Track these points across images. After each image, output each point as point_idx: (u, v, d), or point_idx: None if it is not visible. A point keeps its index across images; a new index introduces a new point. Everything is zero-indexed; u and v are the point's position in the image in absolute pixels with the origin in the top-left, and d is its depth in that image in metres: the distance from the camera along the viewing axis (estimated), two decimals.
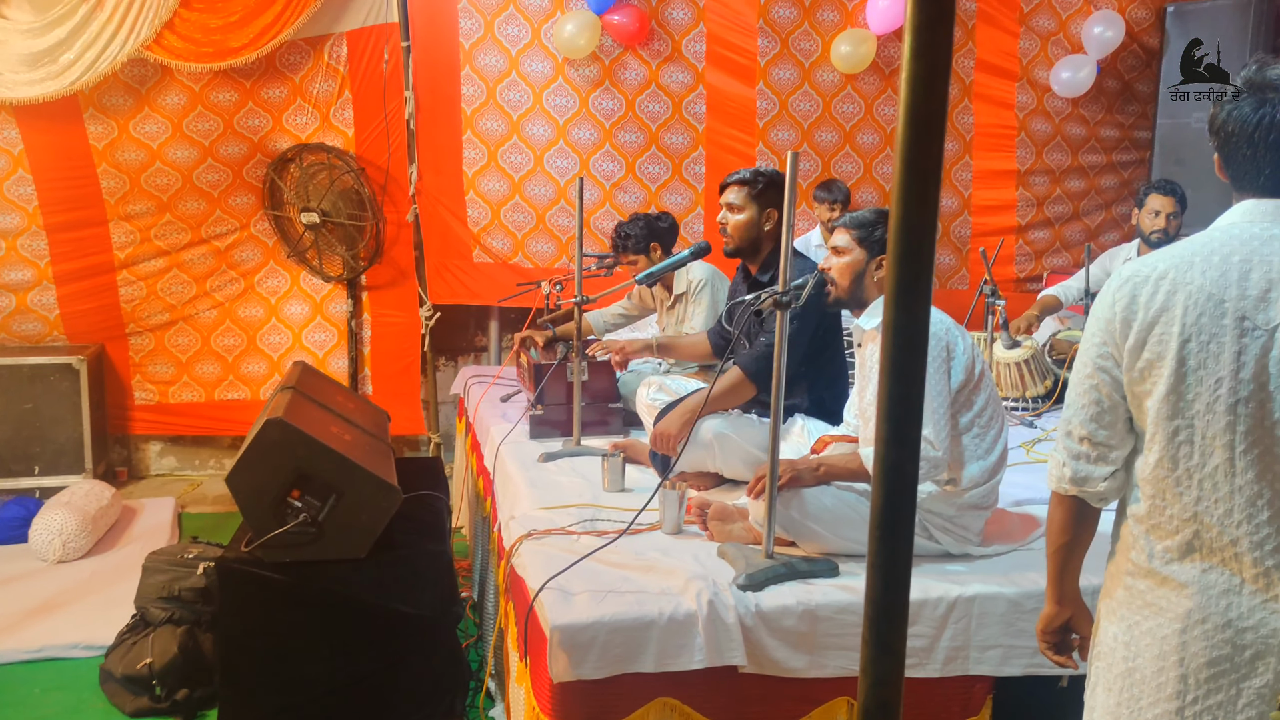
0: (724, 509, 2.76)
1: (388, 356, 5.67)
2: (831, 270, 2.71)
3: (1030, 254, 6.23)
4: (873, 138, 5.96)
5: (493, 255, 5.67)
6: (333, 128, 5.38)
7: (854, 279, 2.68)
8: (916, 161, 0.88)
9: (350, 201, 5.35)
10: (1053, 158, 6.15)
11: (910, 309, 0.90)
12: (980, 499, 2.62)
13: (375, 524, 2.85)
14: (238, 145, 5.33)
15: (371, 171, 5.44)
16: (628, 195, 5.73)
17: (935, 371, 2.47)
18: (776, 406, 2.39)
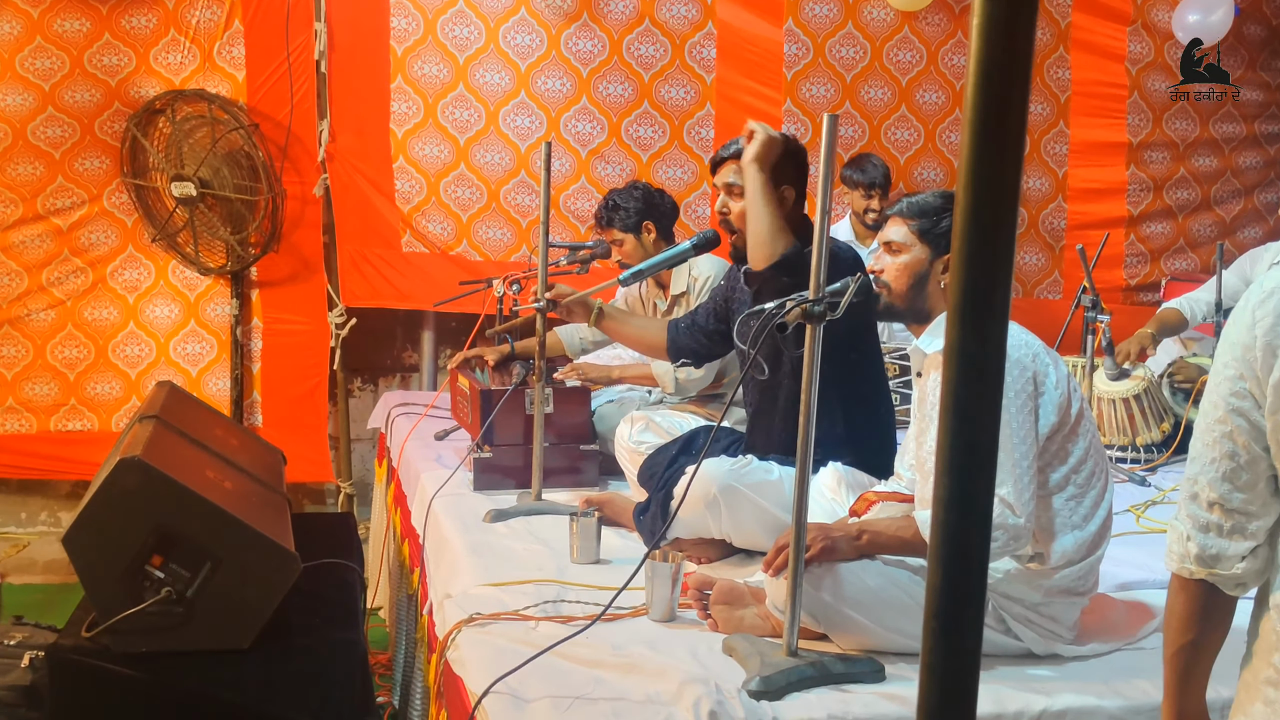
0: (732, 589, 2.76)
1: (284, 377, 5.66)
2: (884, 272, 2.72)
3: (1145, 254, 6.28)
4: (936, 95, 6.01)
5: (429, 243, 5.67)
6: (217, 70, 5.39)
7: (913, 284, 2.69)
8: (992, 128, 0.89)
9: (238, 168, 5.35)
10: (1176, 126, 6.21)
11: (982, 327, 0.91)
12: (1075, 581, 2.63)
13: (264, 603, 2.83)
14: (89, 90, 5.32)
15: (268, 128, 5.44)
16: (611, 166, 5.75)
17: (1018, 411, 2.48)
18: (804, 452, 2.39)
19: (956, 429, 0.94)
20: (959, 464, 0.94)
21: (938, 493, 0.95)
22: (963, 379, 0.93)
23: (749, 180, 3.13)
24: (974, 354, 0.92)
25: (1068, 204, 6.20)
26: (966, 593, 0.94)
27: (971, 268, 0.91)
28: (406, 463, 4.40)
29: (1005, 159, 0.89)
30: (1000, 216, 0.90)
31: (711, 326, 3.66)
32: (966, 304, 0.92)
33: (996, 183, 0.89)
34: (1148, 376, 4.56)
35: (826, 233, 2.37)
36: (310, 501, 5.96)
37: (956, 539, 0.94)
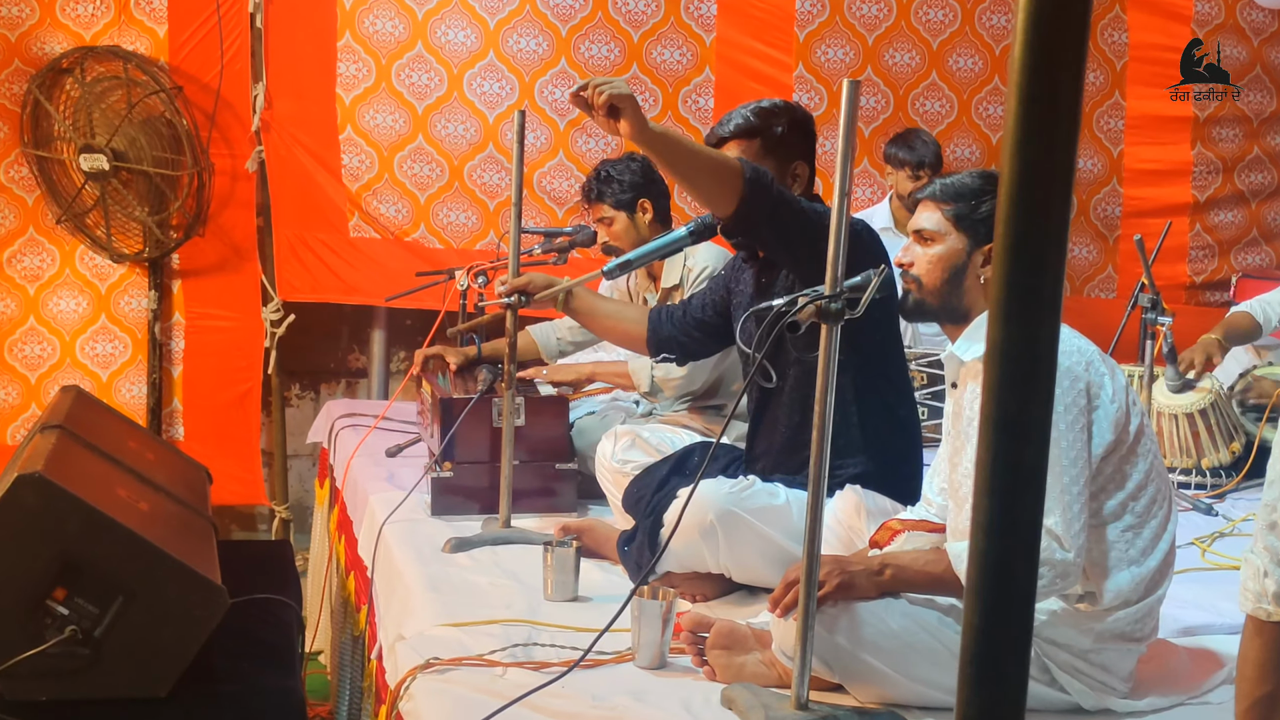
0: (732, 631, 2.76)
1: (210, 382, 5.65)
2: (914, 265, 2.72)
3: (1212, 246, 6.30)
4: (973, 61, 6.03)
5: (380, 228, 5.67)
6: (134, 23, 5.38)
7: (948, 278, 2.69)
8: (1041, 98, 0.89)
9: (158, 138, 5.34)
10: (1250, 99, 6.24)
11: (1030, 325, 0.91)
12: (1131, 626, 2.63)
13: (185, 645, 2.82)
14: None
15: (193, 92, 5.43)
16: (593, 140, 5.75)
17: (1068, 427, 2.49)
18: (818, 472, 2.39)
19: (999, 444, 0.94)
20: (1002, 485, 0.94)
21: (977, 518, 0.95)
22: (1007, 385, 0.93)
23: (651, 149, 3.01)
24: (1021, 356, 0.92)
25: (1123, 188, 6.22)
26: (1010, 635, 0.95)
27: (1018, 256, 0.92)
28: (353, 483, 4.38)
29: (1058, 131, 0.89)
30: (1052, 197, 0.90)
31: (705, 318, 3.66)
32: (1012, 298, 0.92)
33: (1047, 159, 0.90)
34: (1215, 389, 4.57)
35: (846, 218, 2.37)
36: (239, 527, 5.94)
37: (998, 572, 0.95)
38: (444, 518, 3.86)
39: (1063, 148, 0.90)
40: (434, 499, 3.91)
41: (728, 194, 3.04)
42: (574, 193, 5.71)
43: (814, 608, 2.44)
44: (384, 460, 4.50)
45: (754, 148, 3.38)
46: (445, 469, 3.92)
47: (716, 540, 3.18)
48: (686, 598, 3.23)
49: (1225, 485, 4.52)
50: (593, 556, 3.51)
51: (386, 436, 4.68)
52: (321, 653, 4.70)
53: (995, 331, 0.93)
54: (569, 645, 2.84)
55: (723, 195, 3.05)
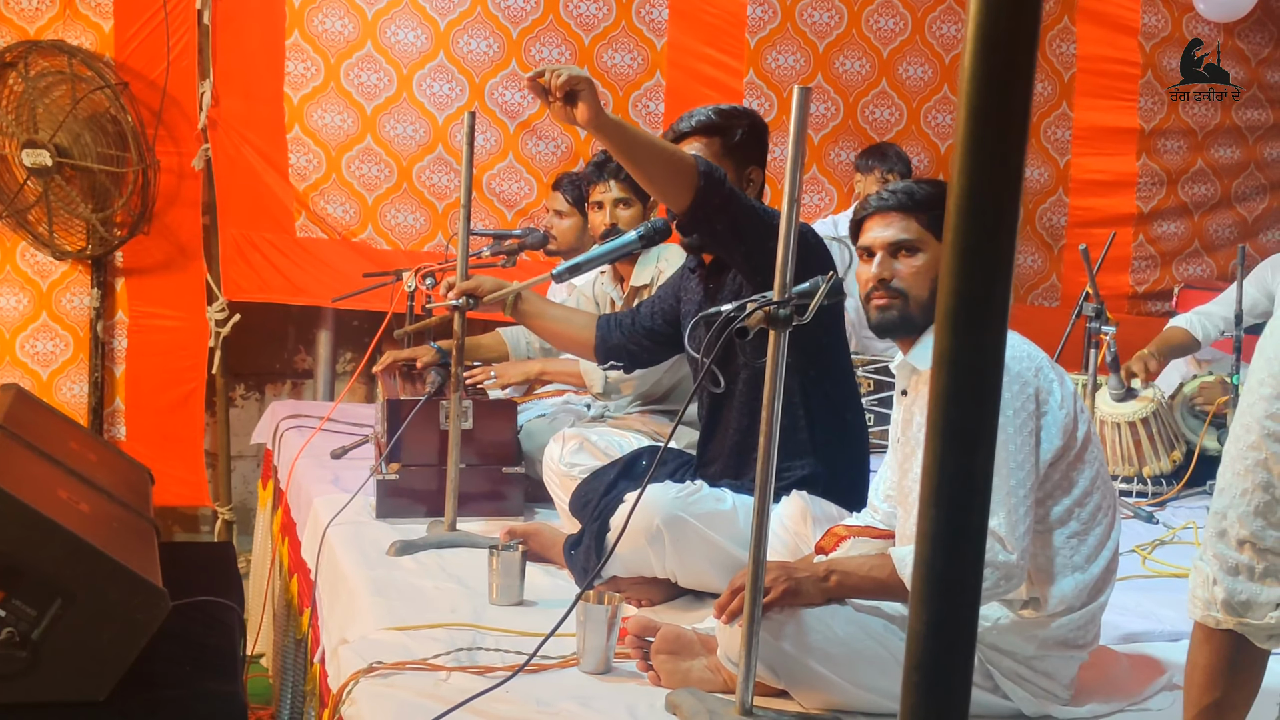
0: (678, 637, 2.76)
1: (153, 382, 5.60)
2: (898, 278, 2.69)
3: (1155, 257, 6.37)
4: (923, 70, 6.06)
5: (327, 228, 5.64)
6: (79, 18, 5.33)
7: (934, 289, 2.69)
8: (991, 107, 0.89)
9: (103, 134, 5.30)
10: (1194, 112, 6.31)
11: (978, 333, 0.91)
12: (1074, 632, 2.65)
13: (125, 648, 2.79)
14: None
15: (139, 89, 5.39)
16: (543, 142, 5.75)
17: (1015, 432, 2.50)
18: (765, 478, 2.40)
19: (947, 452, 0.94)
20: (949, 494, 0.94)
21: (923, 526, 0.95)
22: (955, 394, 0.93)
23: (607, 137, 3.00)
24: (969, 365, 0.92)
25: (1069, 197, 6.28)
26: (955, 643, 0.95)
27: (967, 266, 0.92)
28: (297, 484, 4.36)
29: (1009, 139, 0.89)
30: (1001, 207, 0.91)
31: (654, 326, 3.65)
32: (960, 308, 0.92)
33: (997, 168, 0.90)
34: (1157, 398, 4.62)
35: (795, 225, 2.37)
36: (182, 529, 5.90)
37: (945, 581, 0.95)
38: (389, 520, 3.85)
39: (1012, 157, 0.90)
40: (379, 501, 3.89)
41: (683, 187, 3.05)
42: (523, 195, 5.72)
43: (759, 614, 2.44)
44: (329, 462, 4.48)
45: (713, 146, 3.39)
46: (391, 471, 3.90)
47: (663, 545, 3.17)
48: (633, 602, 3.23)
49: (1166, 493, 4.56)
50: (539, 560, 3.51)
51: (332, 438, 4.65)
52: (263, 656, 4.67)
53: (943, 341, 0.93)
54: (513, 650, 2.83)
55: (678, 188, 3.06)
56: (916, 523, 0.96)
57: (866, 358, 4.98)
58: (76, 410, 5.48)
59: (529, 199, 5.71)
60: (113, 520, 3.20)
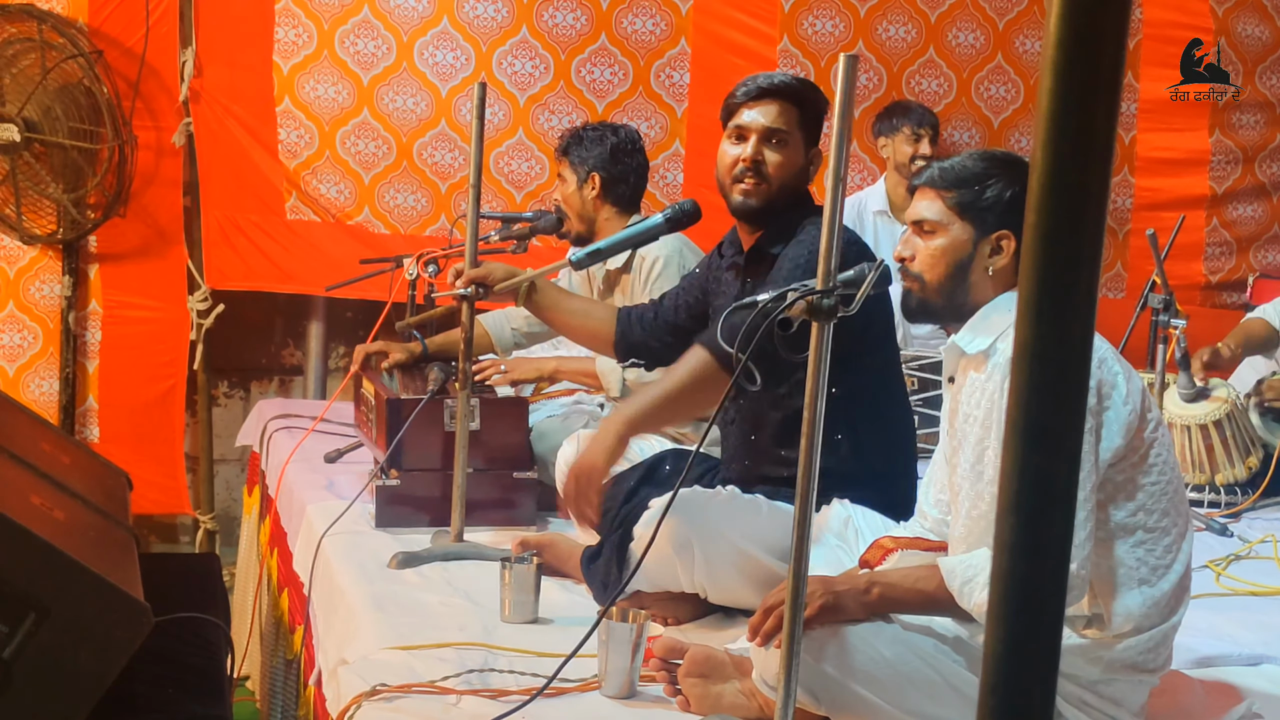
0: (708, 658, 2.76)
1: (129, 378, 5.62)
2: (915, 259, 2.71)
3: (1230, 243, 6.35)
4: (974, 36, 6.05)
5: (320, 210, 5.65)
6: None
7: (953, 273, 2.69)
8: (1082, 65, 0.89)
9: (76, 107, 5.31)
10: (1273, 82, 6.29)
11: (1064, 321, 0.91)
12: (1142, 655, 2.64)
13: (104, 668, 2.80)
14: None
15: (115, 58, 5.39)
16: (556, 117, 5.74)
17: None
18: (807, 484, 2.39)
19: (1026, 455, 0.94)
20: (1028, 500, 0.94)
21: (1000, 536, 0.95)
22: (1036, 390, 0.93)
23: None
24: (1052, 358, 0.93)
25: (1135, 178, 6.26)
26: (1037, 663, 0.95)
27: (1052, 248, 0.92)
28: (287, 491, 4.36)
29: (1098, 106, 0.89)
30: (1090, 182, 0.90)
31: (678, 322, 3.65)
32: (1044, 295, 0.92)
33: (1086, 138, 0.90)
34: (1231, 398, 4.60)
35: (841, 205, 2.37)
36: (159, 539, 5.91)
37: (1024, 596, 0.95)
38: (390, 530, 3.85)
39: (1103, 125, 0.90)
40: (379, 510, 3.89)
41: (719, 386, 3.15)
42: (534, 175, 5.72)
43: (799, 633, 2.43)
44: (323, 466, 4.48)
45: (790, 115, 3.39)
46: (392, 477, 3.90)
47: (692, 557, 3.17)
48: (658, 620, 3.23)
49: (1241, 503, 4.55)
50: (554, 574, 3.51)
51: (325, 440, 4.66)
52: (249, 678, 4.68)
53: (1025, 331, 0.93)
54: (529, 672, 2.84)
55: (718, 388, 3.17)
56: (995, 531, 0.96)
57: (912, 353, 4.97)
58: (46, 408, 5.49)
59: (540, 179, 5.70)
60: (89, 529, 3.20)
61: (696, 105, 5.77)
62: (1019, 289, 0.93)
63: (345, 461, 4.53)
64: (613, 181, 4.35)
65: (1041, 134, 0.91)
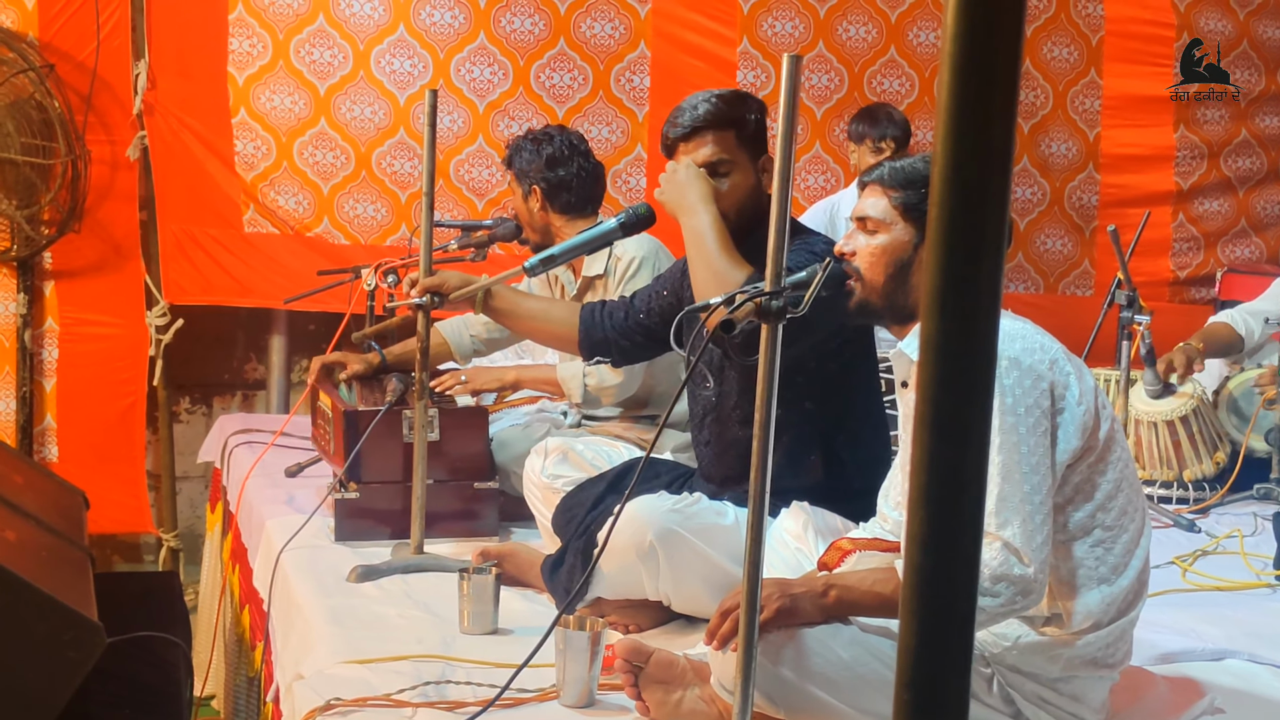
0: (669, 664, 2.76)
1: (88, 396, 5.60)
2: (856, 256, 2.73)
3: (1197, 239, 6.38)
4: (935, 36, 6.07)
5: (279, 222, 5.64)
6: None
7: (893, 273, 2.71)
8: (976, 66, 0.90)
9: (27, 122, 5.29)
10: (1238, 76, 6.32)
11: (966, 314, 0.92)
12: (1102, 651, 2.66)
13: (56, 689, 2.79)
14: None
15: (67, 71, 5.38)
16: (516, 123, 5.74)
17: (1029, 431, 2.51)
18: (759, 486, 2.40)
19: (934, 447, 0.95)
20: (938, 492, 0.95)
21: (911, 529, 0.96)
22: (942, 383, 0.94)
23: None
24: (957, 352, 0.93)
25: (1100, 174, 6.29)
26: (950, 657, 0.96)
27: (953, 242, 0.93)
28: (248, 506, 4.36)
29: (994, 100, 0.90)
30: (989, 175, 0.91)
31: (649, 323, 3.64)
32: (947, 288, 0.93)
33: (983, 132, 0.91)
34: (1198, 394, 4.62)
35: (788, 205, 2.38)
36: (123, 558, 5.89)
37: (936, 587, 0.95)
38: (349, 544, 3.85)
39: (1001, 118, 0.91)
40: (338, 523, 3.89)
41: None
42: (494, 182, 5.72)
43: (755, 638, 2.44)
44: (283, 481, 4.48)
45: (728, 141, 3.35)
46: (350, 490, 3.90)
47: (656, 563, 3.17)
48: (619, 628, 3.23)
49: (1209, 499, 4.57)
50: (515, 584, 3.52)
51: (286, 454, 4.65)
52: (214, 698, 4.67)
53: (929, 325, 0.94)
54: (486, 683, 2.84)
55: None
56: (905, 525, 0.97)
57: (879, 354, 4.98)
58: (3, 429, 5.47)
59: (501, 186, 5.70)
60: (41, 549, 3.20)
61: (657, 109, 5.77)
62: (923, 280, 0.94)
63: (306, 475, 4.52)
64: (554, 190, 4.33)
65: (940, 129, 0.92)
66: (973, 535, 0.96)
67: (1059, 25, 6.15)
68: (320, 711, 2.70)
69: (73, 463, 5.51)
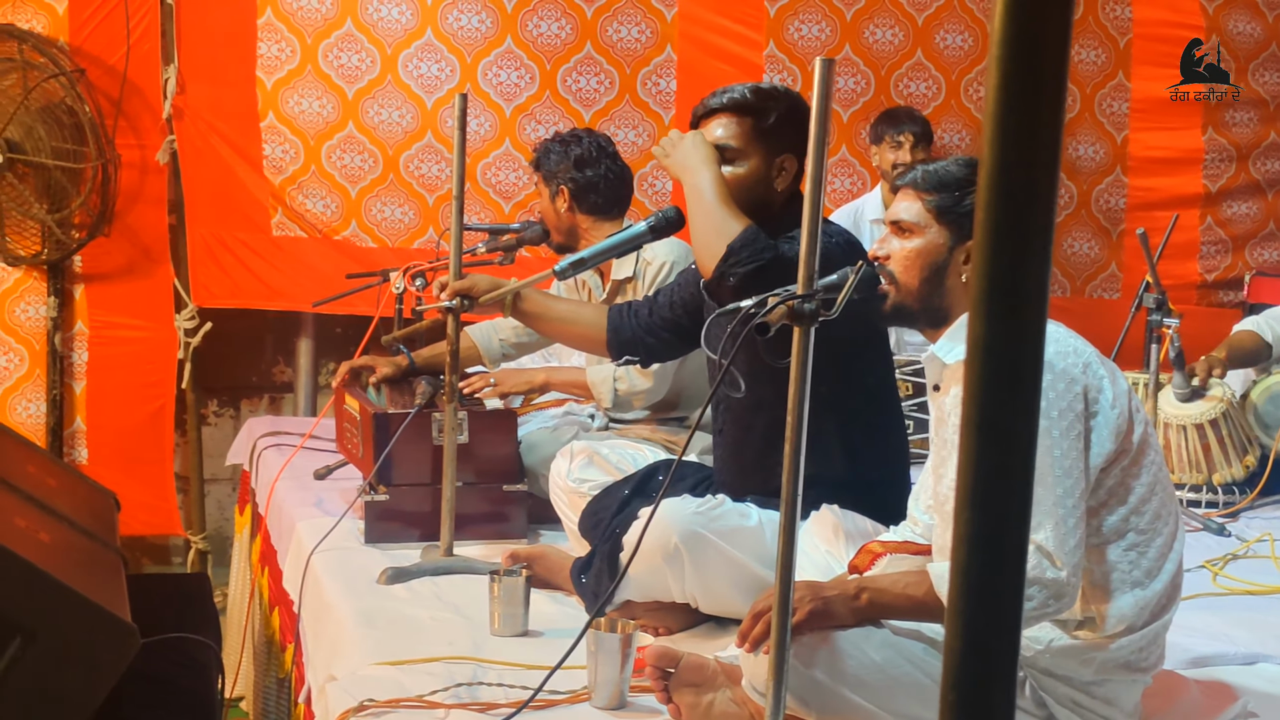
0: (700, 667, 2.76)
1: (117, 398, 5.62)
2: (891, 260, 2.73)
3: (1225, 241, 6.36)
4: (962, 38, 6.07)
5: (307, 225, 5.66)
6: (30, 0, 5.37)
7: (928, 276, 2.71)
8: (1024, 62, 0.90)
9: (59, 127, 5.31)
10: (1265, 79, 6.30)
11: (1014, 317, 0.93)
12: (1135, 655, 2.65)
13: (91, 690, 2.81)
14: None
15: (97, 76, 5.41)
16: (543, 127, 5.75)
17: (1062, 435, 2.50)
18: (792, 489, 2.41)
19: (982, 450, 0.95)
20: (985, 495, 0.95)
21: (958, 531, 0.97)
22: (990, 387, 0.94)
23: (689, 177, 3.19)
24: (1004, 354, 0.94)
25: (1128, 177, 6.27)
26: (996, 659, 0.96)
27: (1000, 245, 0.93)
28: (277, 509, 4.37)
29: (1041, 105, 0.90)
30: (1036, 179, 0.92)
31: (674, 317, 3.65)
32: (994, 291, 0.93)
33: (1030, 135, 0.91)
34: (1227, 397, 4.61)
35: (820, 209, 2.38)
36: (151, 560, 5.91)
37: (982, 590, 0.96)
38: (379, 546, 3.86)
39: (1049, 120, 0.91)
40: (368, 526, 3.90)
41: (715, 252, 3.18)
42: (521, 185, 5.73)
43: (787, 640, 2.44)
44: (312, 483, 4.49)
45: (743, 127, 3.39)
46: (380, 492, 3.91)
47: (682, 566, 3.18)
48: (649, 630, 3.24)
49: (1239, 503, 4.56)
50: (544, 587, 3.52)
51: (315, 457, 4.66)
52: (243, 699, 4.68)
53: (976, 328, 0.94)
54: (518, 685, 2.85)
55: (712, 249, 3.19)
56: (952, 528, 0.97)
57: (905, 358, 4.98)
58: (33, 431, 5.49)
59: (528, 189, 5.71)
60: (75, 551, 3.22)
61: (684, 113, 5.77)
62: (971, 287, 0.95)
63: (335, 478, 4.53)
64: (582, 191, 4.36)
65: (988, 131, 0.92)
66: (1020, 537, 0.96)
67: (1087, 28, 6.14)
68: (354, 712, 2.71)
69: (102, 465, 5.53)
